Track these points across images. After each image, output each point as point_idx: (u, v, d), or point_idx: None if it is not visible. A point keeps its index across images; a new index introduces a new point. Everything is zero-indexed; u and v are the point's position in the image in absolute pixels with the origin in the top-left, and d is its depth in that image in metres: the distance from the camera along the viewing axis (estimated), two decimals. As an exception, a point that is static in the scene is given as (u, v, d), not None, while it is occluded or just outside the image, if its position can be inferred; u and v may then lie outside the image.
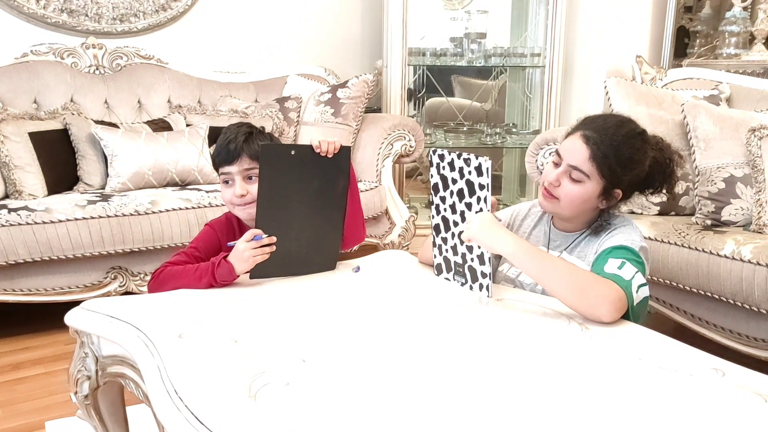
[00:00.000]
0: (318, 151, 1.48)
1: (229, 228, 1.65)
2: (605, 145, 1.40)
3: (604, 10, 3.74)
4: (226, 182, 1.59)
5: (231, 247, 1.48)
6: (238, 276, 1.45)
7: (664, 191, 1.51)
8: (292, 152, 1.48)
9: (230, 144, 1.56)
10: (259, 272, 1.47)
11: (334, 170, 1.53)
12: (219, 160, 1.59)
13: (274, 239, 1.45)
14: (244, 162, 1.56)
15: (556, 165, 1.47)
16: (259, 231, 1.44)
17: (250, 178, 1.57)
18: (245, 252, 1.42)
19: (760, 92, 2.54)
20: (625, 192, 1.46)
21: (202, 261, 1.53)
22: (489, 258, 1.37)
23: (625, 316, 1.28)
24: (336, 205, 1.57)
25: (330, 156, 1.50)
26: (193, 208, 2.47)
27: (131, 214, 2.37)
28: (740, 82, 2.65)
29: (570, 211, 1.47)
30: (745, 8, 3.53)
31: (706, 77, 2.74)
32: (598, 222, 1.49)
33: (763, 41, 3.49)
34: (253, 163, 1.56)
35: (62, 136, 2.63)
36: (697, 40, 3.87)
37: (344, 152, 1.53)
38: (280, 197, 1.47)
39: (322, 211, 1.55)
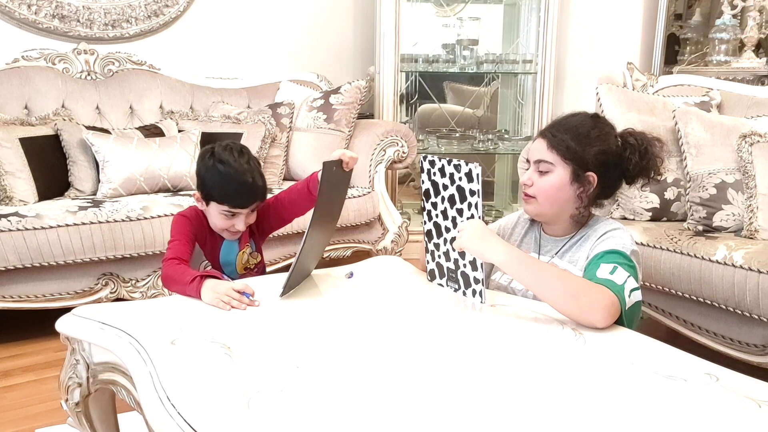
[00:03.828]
0: (345, 167, 1.52)
1: (197, 218, 1.66)
2: (560, 132, 1.46)
3: (596, 17, 3.76)
4: (229, 215, 1.59)
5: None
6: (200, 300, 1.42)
7: (653, 175, 1.48)
8: (334, 168, 1.49)
9: (251, 189, 1.58)
10: (288, 290, 1.46)
11: (344, 184, 1.58)
12: (235, 204, 1.58)
13: (258, 303, 1.40)
14: (254, 205, 1.62)
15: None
16: (251, 291, 1.40)
17: (252, 210, 1.62)
18: (224, 295, 1.37)
19: (750, 99, 2.55)
20: (600, 176, 1.45)
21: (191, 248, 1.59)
22: (481, 264, 1.38)
23: (618, 321, 1.28)
24: (336, 216, 1.60)
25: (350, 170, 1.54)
26: (185, 214, 2.46)
27: (123, 220, 2.36)
28: (731, 89, 2.66)
29: (550, 205, 1.48)
30: (734, 16, 3.56)
31: (696, 84, 2.75)
32: (583, 214, 1.49)
33: (753, 48, 3.52)
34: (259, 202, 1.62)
35: (53, 142, 2.62)
36: (688, 47, 3.90)
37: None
38: (322, 215, 1.48)
39: (330, 221, 1.57)
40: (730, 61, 3.55)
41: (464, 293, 1.44)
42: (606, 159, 1.45)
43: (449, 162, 1.40)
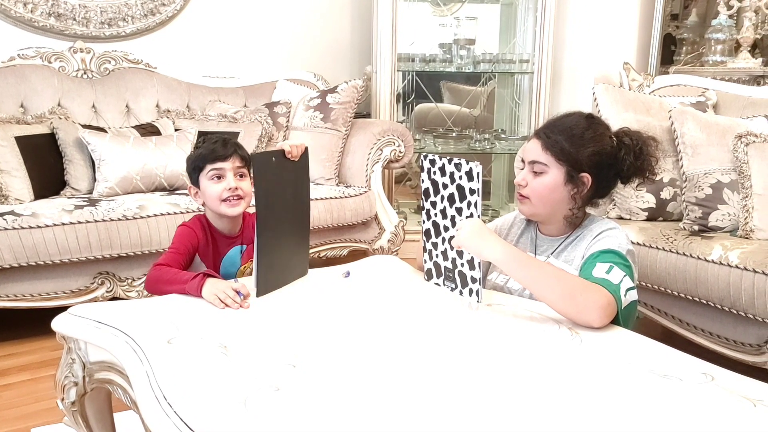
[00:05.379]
0: (289, 156, 1.52)
1: (201, 229, 1.70)
2: (555, 133, 1.45)
3: (592, 17, 3.76)
4: (216, 178, 1.66)
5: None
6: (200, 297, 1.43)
7: (648, 175, 1.48)
8: (273, 159, 1.49)
9: (225, 143, 1.67)
10: (263, 289, 1.46)
11: (301, 172, 1.57)
12: (212, 158, 1.65)
13: (248, 304, 1.40)
14: (236, 160, 1.67)
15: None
16: (246, 291, 1.41)
17: (240, 176, 1.68)
18: (220, 293, 1.39)
19: (746, 99, 2.56)
20: (595, 176, 1.45)
21: (185, 261, 1.63)
22: (479, 263, 1.38)
23: (614, 320, 1.29)
24: (305, 207, 1.60)
25: (296, 159, 1.54)
26: (182, 212, 2.46)
27: (119, 219, 2.35)
28: (726, 89, 2.67)
29: (543, 206, 1.48)
30: (730, 16, 3.56)
31: (693, 84, 2.76)
32: (576, 215, 1.49)
33: (749, 49, 3.52)
34: (243, 162, 1.67)
35: (49, 141, 2.61)
36: (684, 48, 3.90)
37: (305, 153, 1.57)
38: (272, 206, 1.47)
39: (296, 215, 1.56)
40: (726, 61, 3.55)
41: (461, 292, 1.45)
42: (600, 160, 1.45)
43: (450, 161, 1.40)
